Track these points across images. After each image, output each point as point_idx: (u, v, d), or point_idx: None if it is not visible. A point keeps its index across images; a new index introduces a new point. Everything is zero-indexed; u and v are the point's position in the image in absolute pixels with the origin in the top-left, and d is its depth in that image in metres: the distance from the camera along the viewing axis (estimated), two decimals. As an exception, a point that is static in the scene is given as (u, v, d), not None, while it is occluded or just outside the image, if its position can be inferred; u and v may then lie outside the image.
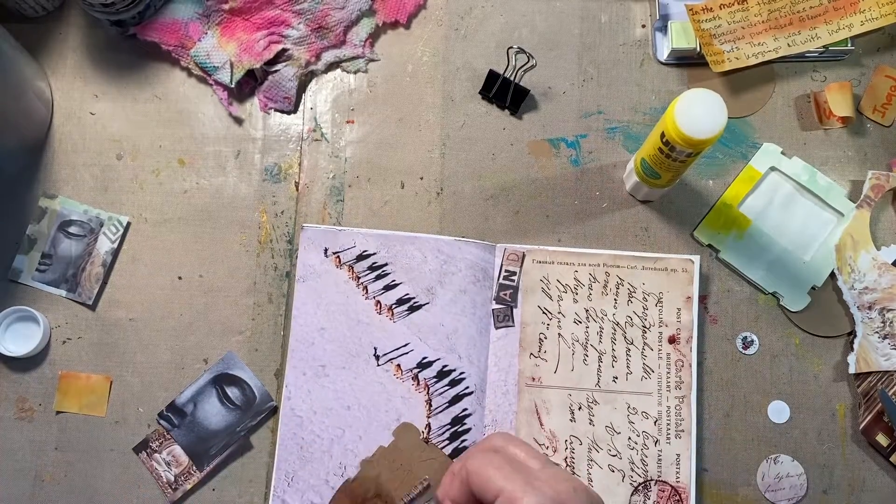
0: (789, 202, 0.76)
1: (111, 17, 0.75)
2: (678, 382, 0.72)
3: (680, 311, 0.73)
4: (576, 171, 0.78)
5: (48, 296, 0.75)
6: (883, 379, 0.72)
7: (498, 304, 0.74)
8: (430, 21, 0.80)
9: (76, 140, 0.78)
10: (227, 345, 0.74)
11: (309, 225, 0.76)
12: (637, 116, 0.78)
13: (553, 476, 0.46)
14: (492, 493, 0.46)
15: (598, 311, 0.74)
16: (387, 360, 0.73)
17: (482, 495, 0.47)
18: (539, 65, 0.78)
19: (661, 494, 0.71)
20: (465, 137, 0.78)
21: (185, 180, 0.77)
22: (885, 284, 0.73)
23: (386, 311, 0.74)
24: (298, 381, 0.73)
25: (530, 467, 0.47)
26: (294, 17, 0.78)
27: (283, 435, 0.72)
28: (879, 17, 0.77)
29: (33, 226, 0.76)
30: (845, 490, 0.72)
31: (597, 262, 0.74)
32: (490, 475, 0.46)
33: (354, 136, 0.78)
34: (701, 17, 0.77)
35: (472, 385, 0.72)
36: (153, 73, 0.79)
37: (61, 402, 0.73)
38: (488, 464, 0.47)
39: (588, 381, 0.72)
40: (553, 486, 0.45)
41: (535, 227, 0.77)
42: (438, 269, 0.74)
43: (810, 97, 0.78)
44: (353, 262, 0.75)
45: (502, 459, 0.47)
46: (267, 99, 0.79)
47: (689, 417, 0.71)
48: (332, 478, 0.71)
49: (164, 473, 0.72)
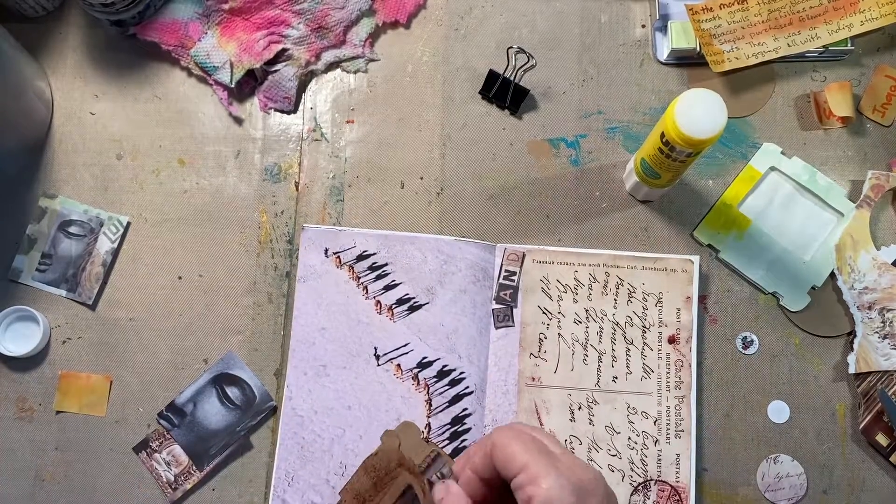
0: (789, 202, 0.76)
1: (111, 16, 0.75)
2: (678, 382, 0.72)
3: (680, 311, 0.73)
4: (576, 171, 0.78)
5: (48, 296, 0.75)
6: (883, 379, 0.72)
7: (498, 303, 0.74)
8: (430, 21, 0.80)
9: (76, 140, 0.78)
10: (227, 345, 0.74)
11: (309, 225, 0.76)
12: (637, 116, 0.78)
13: (574, 463, 0.47)
14: (515, 467, 0.46)
15: (598, 311, 0.74)
16: (387, 360, 0.73)
17: (504, 469, 0.47)
18: (539, 65, 0.77)
19: (661, 494, 0.71)
20: (465, 137, 0.78)
21: (185, 180, 0.77)
22: (884, 284, 0.73)
23: (386, 311, 0.74)
24: (299, 381, 0.73)
25: (552, 451, 0.48)
26: (294, 17, 0.78)
27: (284, 434, 0.72)
28: (879, 17, 0.77)
29: (33, 226, 0.76)
30: (845, 490, 0.72)
31: (597, 262, 0.74)
32: (515, 450, 0.47)
33: (354, 136, 0.78)
34: (701, 16, 0.77)
35: (471, 385, 0.72)
36: (153, 72, 0.79)
37: (61, 402, 0.73)
38: (514, 438, 0.47)
39: (588, 381, 0.72)
40: (575, 472, 0.46)
41: (536, 227, 0.77)
42: (438, 268, 0.74)
43: (810, 97, 0.78)
44: (354, 262, 0.75)
45: (529, 438, 0.48)
46: (267, 99, 0.79)
47: (688, 417, 0.71)
48: (333, 477, 0.71)
49: (163, 473, 0.72)
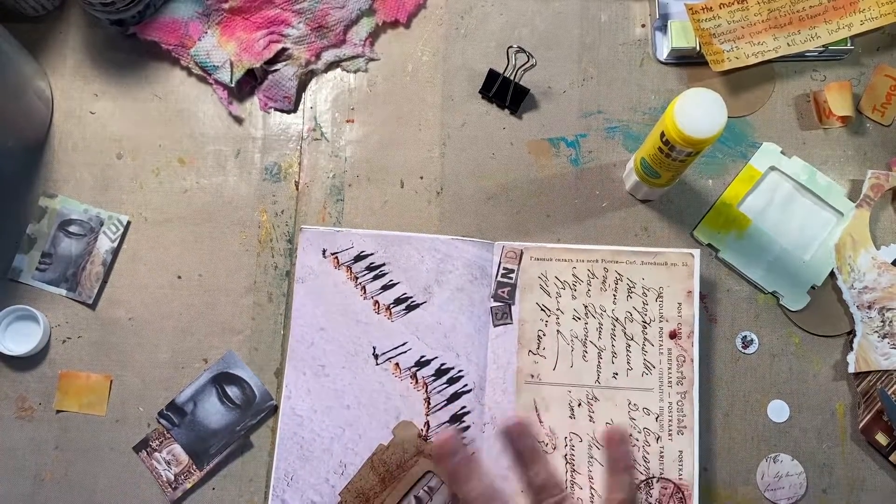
0: (789, 202, 0.76)
1: (111, 16, 0.75)
2: (680, 378, 0.72)
3: (681, 306, 0.73)
4: (576, 170, 0.78)
5: (48, 295, 0.75)
6: (882, 378, 0.72)
7: (496, 301, 0.74)
8: (430, 20, 0.80)
9: (76, 139, 0.78)
10: (227, 344, 0.74)
11: (307, 226, 0.76)
12: (637, 116, 0.78)
13: None
14: None
15: (598, 307, 0.73)
16: (385, 360, 0.73)
17: None
18: (539, 64, 0.78)
19: (664, 492, 0.70)
20: (464, 137, 0.78)
21: (185, 180, 0.78)
22: (884, 284, 0.73)
23: (384, 310, 0.74)
24: (298, 381, 0.73)
25: None
26: (294, 17, 0.78)
27: (283, 434, 0.72)
28: (879, 17, 0.77)
29: (33, 225, 0.76)
30: (845, 489, 0.72)
31: (595, 257, 0.74)
32: None
33: (354, 136, 0.78)
34: (701, 16, 0.77)
35: (470, 383, 0.72)
36: (153, 72, 0.79)
37: (61, 402, 0.73)
38: None
39: (588, 378, 0.72)
40: None
41: (535, 227, 0.76)
42: (435, 267, 0.74)
43: (810, 97, 0.78)
44: (351, 262, 0.75)
45: None
46: (267, 98, 0.79)
47: (691, 414, 0.71)
48: (333, 476, 0.71)
49: (164, 472, 0.72)
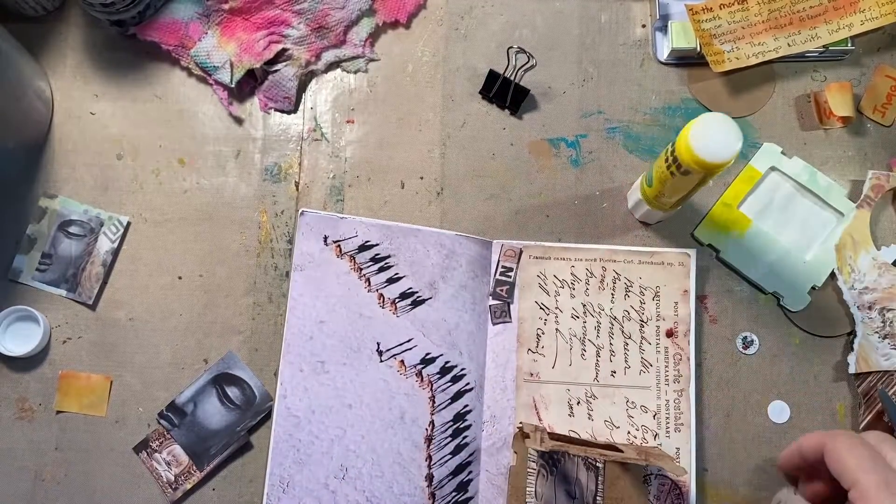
0: (789, 202, 0.76)
1: (111, 16, 0.75)
2: (676, 376, 0.72)
3: (677, 305, 0.73)
4: (576, 171, 0.78)
5: (48, 295, 0.75)
6: (883, 379, 0.72)
7: (495, 299, 0.74)
8: (430, 21, 0.80)
9: (76, 140, 0.78)
10: (227, 345, 0.74)
11: (309, 210, 0.74)
12: (637, 116, 0.78)
13: None
14: (846, 481, 0.46)
15: (596, 306, 0.73)
16: (390, 356, 0.72)
17: (838, 478, 0.47)
18: (539, 65, 0.78)
19: (662, 488, 0.70)
20: (465, 137, 0.78)
21: (185, 180, 0.78)
22: (885, 284, 0.73)
23: (389, 304, 0.72)
24: (295, 379, 0.71)
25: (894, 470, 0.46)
26: (294, 17, 0.78)
27: (278, 437, 0.69)
28: (879, 17, 0.77)
29: (33, 226, 0.76)
30: (846, 490, 0.72)
31: (593, 256, 0.74)
32: (848, 464, 0.46)
33: (354, 136, 0.78)
34: (701, 16, 0.77)
35: (472, 381, 0.72)
36: (153, 72, 0.79)
37: (61, 402, 0.73)
38: (850, 449, 0.46)
39: (586, 376, 0.72)
40: None
41: (535, 227, 0.76)
42: (441, 263, 0.74)
43: (810, 97, 0.78)
44: (355, 252, 0.73)
45: (865, 451, 0.47)
46: (267, 99, 0.79)
47: (688, 411, 0.71)
48: (333, 481, 0.69)
49: (164, 473, 0.72)
